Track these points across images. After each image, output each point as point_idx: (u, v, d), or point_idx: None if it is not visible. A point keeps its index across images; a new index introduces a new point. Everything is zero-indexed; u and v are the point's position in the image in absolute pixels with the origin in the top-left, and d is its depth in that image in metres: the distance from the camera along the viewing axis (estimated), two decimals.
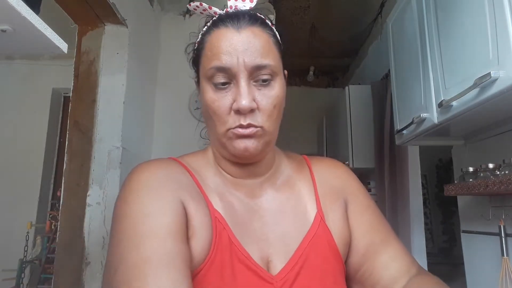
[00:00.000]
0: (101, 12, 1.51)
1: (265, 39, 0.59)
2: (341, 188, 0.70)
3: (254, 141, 0.57)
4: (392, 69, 1.75)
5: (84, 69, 1.60)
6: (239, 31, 0.58)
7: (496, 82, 0.92)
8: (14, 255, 2.57)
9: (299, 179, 0.69)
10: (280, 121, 0.63)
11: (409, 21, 1.50)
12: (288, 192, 0.66)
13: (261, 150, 0.59)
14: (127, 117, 1.60)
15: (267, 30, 0.61)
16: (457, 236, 3.56)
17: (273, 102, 0.58)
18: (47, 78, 2.98)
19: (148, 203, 0.53)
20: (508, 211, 1.33)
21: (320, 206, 0.65)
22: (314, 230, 0.62)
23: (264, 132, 0.58)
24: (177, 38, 2.10)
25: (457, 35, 1.13)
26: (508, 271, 1.27)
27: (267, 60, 0.57)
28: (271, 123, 0.59)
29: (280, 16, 2.70)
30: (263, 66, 0.57)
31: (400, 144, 1.67)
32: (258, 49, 0.57)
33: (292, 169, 0.70)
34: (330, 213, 0.65)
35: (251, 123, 0.56)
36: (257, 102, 0.57)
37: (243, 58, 0.56)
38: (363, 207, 0.69)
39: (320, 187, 0.68)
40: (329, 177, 0.70)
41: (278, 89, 0.59)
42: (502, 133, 1.35)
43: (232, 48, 0.57)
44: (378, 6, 2.74)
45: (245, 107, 0.55)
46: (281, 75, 0.61)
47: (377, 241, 0.65)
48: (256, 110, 0.57)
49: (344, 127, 2.68)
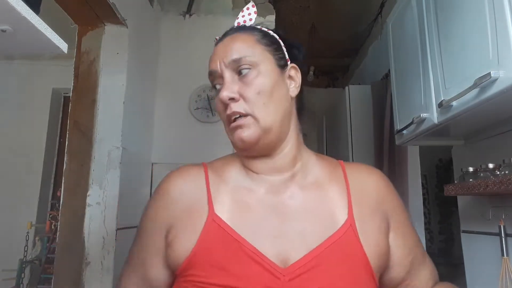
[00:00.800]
0: (101, 12, 1.51)
1: (243, 38, 0.66)
2: (381, 199, 0.68)
3: (245, 130, 0.62)
4: (392, 69, 1.75)
5: (84, 69, 1.60)
6: (222, 41, 0.68)
7: (496, 82, 0.92)
8: (14, 255, 2.57)
9: (330, 180, 0.67)
10: (280, 110, 0.65)
11: (409, 21, 1.50)
12: (316, 192, 0.65)
13: (258, 137, 0.62)
14: (127, 117, 1.60)
15: (248, 32, 0.68)
16: (456, 236, 3.55)
17: (255, 89, 0.62)
18: (47, 78, 2.98)
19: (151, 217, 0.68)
20: (508, 211, 1.33)
21: (352, 213, 0.63)
22: (339, 235, 0.60)
23: (256, 120, 0.62)
24: (177, 38, 2.10)
25: (457, 35, 1.13)
26: (508, 271, 1.27)
27: (242, 53, 0.63)
28: (260, 110, 0.62)
29: (280, 16, 2.69)
30: (238, 59, 0.63)
31: (400, 144, 1.67)
32: (234, 47, 0.65)
33: (322, 169, 0.70)
34: (365, 223, 0.63)
35: (235, 111, 0.62)
36: (241, 92, 0.62)
37: (222, 59, 0.65)
38: (406, 222, 0.72)
39: (354, 193, 0.66)
40: (366, 185, 0.68)
41: (261, 78, 0.63)
42: (502, 133, 1.35)
43: (216, 55, 0.66)
44: (378, 6, 2.74)
45: (223, 97, 0.62)
46: (265, 66, 0.65)
47: (420, 257, 0.72)
48: (241, 99, 0.62)
49: (344, 127, 2.67)
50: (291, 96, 0.69)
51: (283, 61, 0.68)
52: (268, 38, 0.68)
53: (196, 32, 2.11)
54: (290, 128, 0.69)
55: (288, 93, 0.68)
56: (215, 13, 2.16)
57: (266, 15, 2.16)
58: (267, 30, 0.70)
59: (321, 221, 0.62)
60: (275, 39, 0.70)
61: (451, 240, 3.64)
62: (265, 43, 0.67)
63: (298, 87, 0.71)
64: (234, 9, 2.16)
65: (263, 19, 2.15)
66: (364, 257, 0.59)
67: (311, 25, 3.18)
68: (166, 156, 1.93)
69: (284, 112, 0.66)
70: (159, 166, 1.91)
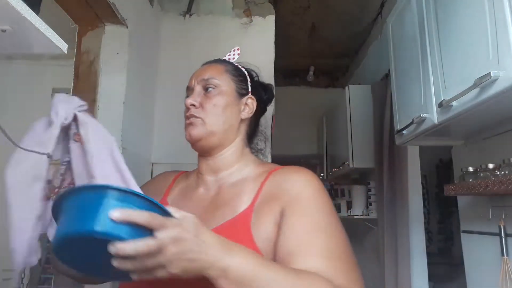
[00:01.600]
0: (101, 12, 1.51)
1: (216, 67, 0.87)
2: (286, 193, 0.73)
3: (194, 128, 0.81)
4: (392, 69, 1.75)
5: (84, 69, 1.60)
6: (203, 66, 0.90)
7: (496, 82, 0.92)
8: None
9: (249, 181, 0.80)
10: (227, 123, 0.83)
11: (409, 21, 1.50)
12: (232, 190, 0.79)
13: (202, 136, 0.81)
14: (127, 117, 1.60)
15: (222, 64, 0.89)
16: (455, 236, 3.55)
17: (212, 102, 0.82)
18: (47, 78, 2.97)
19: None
20: (508, 211, 1.33)
21: (253, 206, 0.73)
22: (234, 220, 0.72)
23: (204, 123, 0.81)
24: (177, 38, 2.10)
25: (457, 35, 1.13)
26: (508, 271, 1.27)
27: (210, 76, 0.84)
28: (211, 118, 0.81)
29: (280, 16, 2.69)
30: (206, 79, 0.84)
31: (400, 144, 1.67)
32: (206, 71, 0.86)
33: (249, 173, 0.83)
34: (261, 212, 0.72)
35: (192, 113, 0.81)
36: (202, 103, 0.82)
37: (196, 77, 0.86)
38: (298, 215, 0.70)
39: (265, 191, 0.75)
40: (280, 182, 0.76)
41: (219, 96, 0.83)
42: (502, 133, 1.35)
43: (192, 77, 0.88)
44: (378, 6, 2.74)
45: (187, 102, 0.83)
46: (226, 89, 0.84)
47: (295, 251, 0.65)
48: (200, 108, 0.82)
49: (344, 127, 2.67)
50: (241, 118, 0.86)
51: (244, 90, 0.87)
52: (237, 71, 0.88)
53: (196, 32, 2.11)
54: (235, 140, 0.85)
55: (239, 114, 0.86)
56: (215, 13, 2.15)
57: (266, 15, 2.16)
58: (241, 68, 0.90)
59: (224, 212, 0.75)
60: (244, 74, 0.89)
61: (450, 240, 3.64)
62: (233, 74, 0.87)
63: (250, 113, 0.87)
64: (234, 9, 2.16)
65: (263, 19, 2.15)
66: (251, 241, 0.68)
67: (311, 25, 3.18)
68: (166, 156, 1.93)
69: (230, 126, 0.84)
70: (159, 166, 1.91)
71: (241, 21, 2.14)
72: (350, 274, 0.66)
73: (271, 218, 0.70)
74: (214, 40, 2.06)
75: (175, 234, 0.50)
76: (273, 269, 0.58)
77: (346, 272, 0.65)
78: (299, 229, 0.68)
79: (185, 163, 1.09)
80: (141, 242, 0.48)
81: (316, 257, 0.65)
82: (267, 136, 1.00)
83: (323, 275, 0.61)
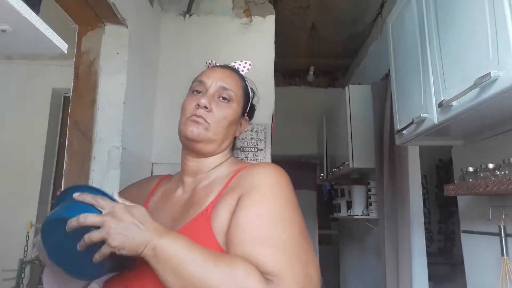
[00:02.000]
0: (101, 12, 1.51)
1: (236, 80, 0.89)
2: (245, 184, 0.75)
3: (198, 127, 0.81)
4: (392, 69, 1.75)
5: (84, 69, 1.60)
6: (223, 67, 0.91)
7: (496, 82, 0.92)
8: (14, 255, 2.57)
9: (220, 180, 0.82)
10: (228, 133, 0.86)
11: (409, 21, 1.50)
12: (205, 190, 0.82)
13: (202, 138, 0.81)
14: (127, 117, 1.60)
15: (239, 78, 0.91)
16: (456, 236, 3.56)
17: (223, 114, 0.83)
18: (47, 78, 2.97)
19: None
20: (508, 211, 1.33)
21: (216, 202, 0.76)
22: (195, 219, 0.75)
23: (209, 128, 0.82)
24: (177, 38, 2.10)
25: (457, 35, 1.13)
26: (508, 271, 1.27)
27: (230, 86, 0.86)
28: (216, 126, 0.82)
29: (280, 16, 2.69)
30: (226, 88, 0.85)
31: (400, 144, 1.67)
32: (226, 79, 0.87)
33: (224, 173, 0.85)
34: (220, 206, 0.74)
35: (201, 115, 0.81)
36: (213, 108, 0.82)
37: (216, 80, 0.86)
38: (249, 204, 0.70)
39: (230, 186, 0.78)
40: (243, 176, 0.78)
41: (231, 111, 0.85)
42: (502, 133, 1.35)
43: (211, 73, 0.87)
44: (378, 6, 2.74)
45: (202, 102, 0.81)
46: (239, 107, 0.87)
47: (235, 239, 0.67)
48: (211, 112, 0.82)
49: (344, 127, 2.67)
50: (235, 135, 0.91)
51: (244, 110, 0.91)
52: (247, 92, 0.92)
53: (196, 32, 2.11)
54: (224, 151, 0.88)
55: (235, 131, 0.90)
56: (215, 13, 2.15)
57: (266, 15, 2.16)
58: (249, 88, 0.93)
59: (192, 212, 0.77)
60: (249, 96, 0.92)
61: (451, 240, 3.65)
62: (245, 93, 0.91)
63: (240, 133, 0.92)
64: (234, 9, 2.16)
65: (263, 19, 2.15)
66: (211, 235, 0.70)
67: (311, 25, 3.18)
68: (166, 156, 1.93)
69: (226, 140, 0.87)
70: (159, 166, 1.91)
71: (241, 21, 2.14)
72: (289, 266, 0.63)
73: (228, 208, 0.72)
74: (214, 40, 2.06)
75: (115, 212, 0.63)
76: (197, 252, 0.63)
77: (283, 262, 0.63)
78: (244, 217, 0.69)
79: None
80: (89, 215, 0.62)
81: (252, 245, 0.65)
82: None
83: (253, 261, 0.63)
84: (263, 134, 2.01)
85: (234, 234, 0.68)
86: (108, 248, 0.61)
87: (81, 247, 0.62)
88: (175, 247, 0.63)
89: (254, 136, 2.00)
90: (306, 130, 3.95)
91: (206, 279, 0.60)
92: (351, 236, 3.61)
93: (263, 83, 2.13)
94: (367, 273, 3.06)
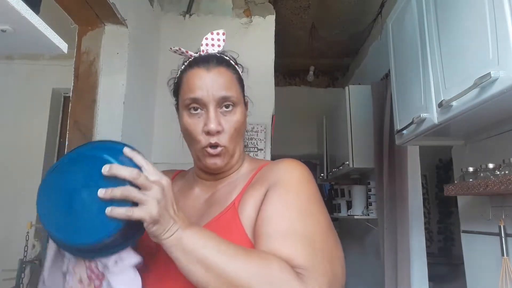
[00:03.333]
0: (101, 12, 1.51)
1: (229, 76, 0.78)
2: (271, 178, 0.73)
3: (220, 159, 0.76)
4: (392, 69, 1.75)
5: (84, 69, 1.60)
6: (209, 70, 0.77)
7: (496, 82, 0.92)
8: (14, 255, 2.56)
9: (242, 178, 0.80)
10: (241, 138, 0.81)
11: (409, 21, 1.50)
12: (228, 188, 0.79)
13: (226, 163, 0.78)
14: (127, 117, 1.60)
15: (230, 69, 0.80)
16: (456, 236, 3.56)
17: (234, 126, 0.77)
18: (47, 78, 2.97)
19: None
20: (508, 211, 1.33)
21: (241, 197, 0.74)
22: (223, 213, 0.73)
23: (227, 150, 0.76)
24: (177, 38, 2.10)
25: (457, 35, 1.13)
26: (508, 271, 1.27)
27: (230, 92, 0.76)
28: (231, 142, 0.77)
29: (280, 16, 2.69)
30: (227, 97, 0.75)
31: (400, 144, 1.67)
32: (223, 84, 0.76)
33: (246, 170, 0.82)
34: (247, 200, 0.72)
35: (218, 142, 0.75)
36: (222, 125, 0.75)
37: (212, 91, 0.75)
38: (275, 198, 0.69)
39: (254, 182, 0.76)
40: (267, 171, 0.77)
41: (239, 115, 0.78)
42: (502, 133, 1.35)
43: (203, 83, 0.75)
44: (378, 6, 2.74)
45: (213, 129, 0.73)
46: (241, 104, 0.79)
47: (263, 233, 0.66)
48: (222, 132, 0.75)
49: (344, 127, 2.67)
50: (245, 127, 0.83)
51: (244, 95, 0.82)
52: (239, 76, 0.82)
53: (196, 32, 2.10)
54: (241, 148, 0.83)
55: (245, 123, 0.82)
56: (215, 13, 2.15)
57: (266, 15, 2.16)
58: (237, 68, 0.82)
59: (215, 209, 0.75)
60: (241, 76, 0.83)
61: (450, 240, 3.65)
62: (240, 83, 0.81)
63: (246, 116, 0.84)
64: (234, 9, 2.16)
65: (263, 19, 2.15)
66: (240, 228, 0.69)
67: (311, 25, 3.18)
68: (166, 156, 1.93)
69: (242, 139, 0.82)
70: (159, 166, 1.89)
71: (241, 21, 2.14)
72: (318, 261, 0.62)
73: (254, 201, 0.71)
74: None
75: (163, 183, 0.60)
76: (227, 244, 0.60)
77: (311, 257, 0.62)
78: (271, 210, 0.67)
79: (185, 163, 1.09)
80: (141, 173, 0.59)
81: (280, 239, 0.64)
82: None
83: (283, 256, 0.61)
84: (263, 134, 2.01)
85: (261, 227, 0.66)
86: (140, 212, 0.56)
87: (107, 195, 0.56)
88: (204, 239, 0.60)
89: (254, 136, 2.00)
90: (306, 130, 3.95)
91: (238, 273, 0.57)
92: (351, 236, 3.61)
93: (263, 83, 2.14)
94: (367, 273, 3.06)
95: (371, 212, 2.53)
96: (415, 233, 2.17)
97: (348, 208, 2.88)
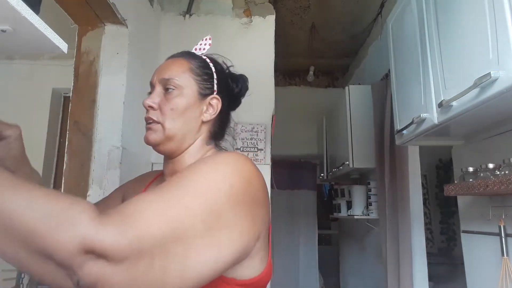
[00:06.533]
0: (101, 12, 1.51)
1: (181, 65, 0.81)
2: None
3: (152, 133, 0.80)
4: (392, 69, 1.75)
5: (84, 69, 1.60)
6: (167, 60, 0.84)
7: (496, 82, 0.92)
8: None
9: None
10: (187, 123, 0.80)
11: (409, 21, 1.50)
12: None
13: (160, 141, 0.79)
14: (127, 117, 1.60)
15: (188, 61, 0.82)
16: (457, 236, 3.55)
17: (170, 106, 0.78)
18: (47, 78, 2.98)
19: None
20: (508, 211, 1.33)
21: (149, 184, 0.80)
22: None
23: (163, 128, 0.78)
24: (177, 38, 2.10)
25: (457, 35, 1.13)
26: (508, 271, 1.27)
27: (171, 76, 0.79)
28: (169, 122, 0.78)
29: (280, 16, 2.69)
30: (167, 79, 0.79)
31: (400, 144, 1.67)
32: (168, 69, 0.80)
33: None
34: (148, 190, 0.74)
35: (150, 117, 0.79)
36: (160, 105, 0.79)
37: (157, 75, 0.82)
38: (164, 183, 0.58)
39: None
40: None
41: (179, 99, 0.79)
42: (502, 133, 1.35)
43: (156, 70, 0.83)
44: (378, 6, 2.74)
45: (144, 103, 0.80)
46: (187, 90, 0.80)
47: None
48: (158, 110, 0.79)
49: (344, 127, 2.67)
50: (202, 120, 0.81)
51: (208, 90, 0.82)
52: (202, 69, 0.82)
53: (196, 32, 2.11)
54: (195, 142, 0.82)
55: (200, 117, 0.81)
56: (215, 13, 2.16)
57: (266, 15, 2.16)
58: (208, 62, 0.84)
59: None
60: (210, 71, 0.83)
61: (453, 240, 3.64)
62: (196, 73, 0.81)
63: (214, 114, 0.82)
64: (234, 9, 2.16)
65: (263, 19, 2.15)
66: None
67: (311, 25, 3.18)
68: None
69: (188, 130, 0.80)
70: (159, 166, 1.90)
71: (241, 21, 2.14)
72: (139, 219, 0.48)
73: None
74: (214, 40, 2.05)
75: None
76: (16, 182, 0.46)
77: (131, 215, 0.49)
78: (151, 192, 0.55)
79: None
80: None
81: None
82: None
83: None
84: (263, 134, 2.01)
85: None
86: None
87: None
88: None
89: (254, 136, 2.00)
90: (306, 130, 3.95)
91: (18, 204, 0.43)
92: (351, 236, 3.61)
93: (263, 83, 2.14)
94: (367, 273, 3.06)
95: (371, 212, 2.53)
96: (416, 233, 2.17)
97: (348, 208, 2.88)
